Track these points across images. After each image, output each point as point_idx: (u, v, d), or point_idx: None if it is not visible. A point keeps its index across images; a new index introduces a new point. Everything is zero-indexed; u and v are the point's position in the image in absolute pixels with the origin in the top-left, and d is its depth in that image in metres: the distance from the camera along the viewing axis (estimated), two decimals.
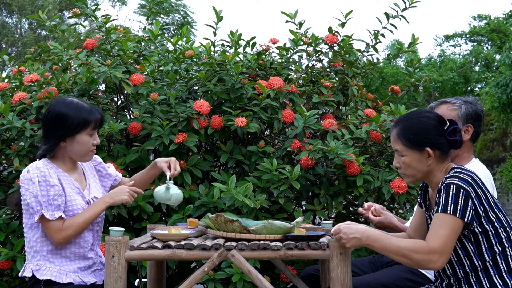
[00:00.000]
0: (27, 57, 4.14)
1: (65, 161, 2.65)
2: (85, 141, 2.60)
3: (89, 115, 2.59)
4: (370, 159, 3.89)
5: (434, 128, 2.30)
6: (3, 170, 3.93)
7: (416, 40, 4.11)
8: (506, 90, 12.24)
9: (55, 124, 2.58)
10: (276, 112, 3.70)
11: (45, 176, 2.51)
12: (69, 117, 2.56)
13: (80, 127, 2.57)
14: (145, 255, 2.30)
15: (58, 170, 2.60)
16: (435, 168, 2.32)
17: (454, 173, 2.23)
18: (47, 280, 2.52)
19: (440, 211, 2.16)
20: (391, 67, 18.04)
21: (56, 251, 2.56)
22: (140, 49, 3.93)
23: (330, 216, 3.90)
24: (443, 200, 2.17)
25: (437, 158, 2.31)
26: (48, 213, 2.49)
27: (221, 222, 2.37)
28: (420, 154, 2.30)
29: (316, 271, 2.94)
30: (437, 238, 2.14)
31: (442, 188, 2.19)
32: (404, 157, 2.33)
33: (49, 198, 2.49)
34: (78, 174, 2.70)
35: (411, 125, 2.32)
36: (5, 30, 21.72)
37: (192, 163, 3.62)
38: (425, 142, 2.29)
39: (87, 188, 2.69)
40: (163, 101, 3.71)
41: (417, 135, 2.29)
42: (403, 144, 2.31)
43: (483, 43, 21.35)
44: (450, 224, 2.14)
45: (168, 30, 20.96)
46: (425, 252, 2.14)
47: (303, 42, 3.99)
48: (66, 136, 2.58)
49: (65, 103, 2.60)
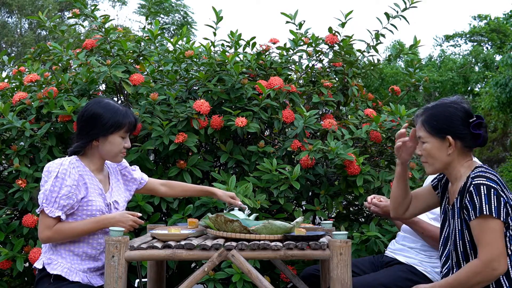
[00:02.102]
0: (27, 57, 4.14)
1: (94, 160, 2.67)
2: (117, 142, 2.63)
3: (124, 118, 2.63)
4: (370, 159, 3.89)
5: (458, 118, 2.30)
6: (3, 170, 3.93)
7: (418, 42, 4.11)
8: (505, 89, 12.25)
9: (90, 122, 2.61)
10: (276, 112, 3.70)
11: (65, 173, 2.53)
12: (104, 117, 2.60)
13: (114, 128, 2.61)
14: (145, 255, 2.30)
15: (85, 169, 2.62)
16: (455, 160, 2.32)
17: (480, 173, 2.23)
18: (56, 275, 2.53)
19: (478, 214, 2.17)
20: (391, 68, 18.05)
21: (70, 248, 2.57)
22: (140, 49, 3.93)
23: (330, 216, 3.90)
24: (477, 202, 2.18)
25: (458, 150, 2.31)
26: (48, 209, 2.50)
27: (221, 222, 2.37)
28: (441, 142, 2.31)
29: (316, 271, 2.94)
30: (485, 248, 2.16)
31: (472, 190, 2.19)
32: (425, 144, 2.34)
33: (57, 196, 2.50)
34: (104, 176, 2.72)
35: (436, 113, 2.33)
36: (5, 30, 21.72)
37: (192, 163, 3.61)
38: (447, 130, 2.29)
39: (109, 192, 2.71)
40: (163, 101, 3.71)
41: (440, 123, 2.30)
42: (426, 130, 2.33)
43: (483, 43, 21.35)
44: (490, 227, 2.16)
45: (168, 30, 20.96)
46: (483, 268, 2.16)
47: (303, 42, 3.99)
48: (99, 135, 2.61)
49: (102, 104, 2.65)
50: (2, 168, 3.97)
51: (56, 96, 3.65)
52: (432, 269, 2.75)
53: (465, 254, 2.27)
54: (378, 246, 3.41)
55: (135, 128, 2.73)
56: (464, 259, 2.27)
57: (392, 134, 3.72)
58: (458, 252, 2.29)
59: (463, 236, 2.27)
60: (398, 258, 2.86)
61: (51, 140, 3.61)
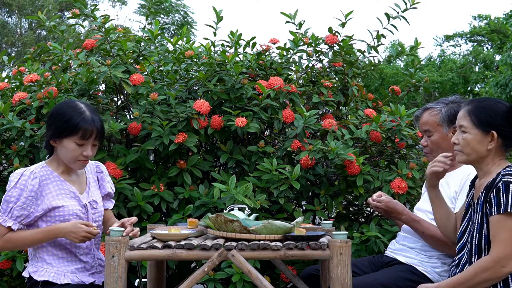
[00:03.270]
0: (27, 57, 4.14)
1: (61, 162, 2.61)
2: (71, 148, 2.52)
3: (81, 122, 2.50)
4: (370, 159, 3.89)
5: (505, 115, 2.31)
6: (3, 170, 3.93)
7: (419, 44, 4.11)
8: (505, 89, 12.26)
9: (49, 121, 2.57)
10: (276, 112, 3.70)
11: (24, 184, 2.49)
12: (61, 118, 2.51)
13: (67, 132, 2.50)
14: (145, 255, 2.30)
15: (53, 174, 2.58)
16: (490, 156, 2.33)
17: (511, 171, 2.23)
18: (44, 281, 2.52)
19: (502, 211, 2.16)
20: (391, 68, 18.05)
21: (53, 252, 2.56)
22: (140, 49, 3.93)
23: (330, 216, 3.90)
24: (503, 199, 2.17)
25: (496, 147, 2.31)
26: (2, 218, 2.48)
27: (221, 222, 2.37)
28: (483, 135, 2.31)
29: (316, 271, 2.94)
30: (499, 244, 2.16)
31: (501, 186, 2.19)
32: (466, 134, 2.34)
33: (13, 206, 2.47)
34: (77, 176, 2.67)
35: (484, 106, 2.34)
36: (5, 30, 21.74)
37: (192, 163, 3.61)
38: (492, 125, 2.30)
39: (86, 191, 2.66)
40: (163, 101, 3.71)
41: (488, 116, 2.31)
42: (472, 121, 2.33)
43: (483, 43, 21.36)
44: (510, 226, 2.15)
45: (168, 30, 20.98)
46: (492, 264, 2.16)
47: (303, 42, 3.99)
48: (54, 137, 2.54)
49: (69, 105, 2.57)
50: (2, 168, 3.97)
51: (56, 96, 3.65)
52: (432, 269, 2.75)
53: (479, 248, 2.26)
54: (378, 246, 3.40)
55: (98, 138, 2.56)
56: (477, 252, 2.27)
57: (392, 134, 3.72)
58: (473, 245, 2.29)
59: (481, 229, 2.27)
60: (398, 258, 2.86)
61: None
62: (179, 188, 3.56)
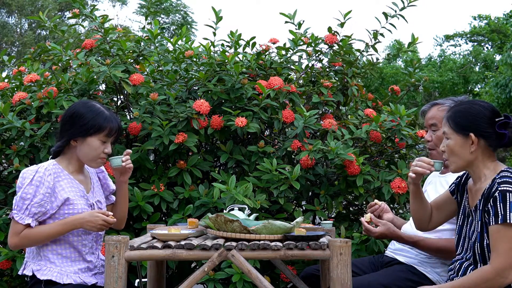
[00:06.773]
0: (27, 57, 4.14)
1: (73, 162, 2.65)
2: (95, 145, 2.59)
3: (106, 121, 2.59)
4: (370, 159, 3.90)
5: (483, 116, 2.29)
6: (3, 170, 3.93)
7: (416, 40, 4.10)
8: (505, 90, 12.26)
9: (70, 121, 2.59)
10: (276, 112, 3.70)
11: (40, 181, 2.51)
12: (85, 117, 2.57)
13: (93, 130, 2.57)
14: (145, 255, 2.30)
15: (64, 172, 2.61)
16: (478, 159, 2.30)
17: (507, 178, 2.21)
18: (47, 280, 2.52)
19: (500, 221, 2.14)
20: (391, 68, 18.05)
21: (57, 251, 2.56)
22: (140, 49, 3.93)
23: (330, 216, 3.90)
24: (500, 209, 2.15)
25: (481, 149, 2.29)
26: (19, 216, 2.49)
27: (221, 222, 2.37)
28: (464, 139, 2.30)
29: (316, 271, 2.94)
30: (500, 255, 2.14)
31: (498, 195, 2.17)
32: (449, 140, 2.33)
33: (30, 203, 2.48)
34: (85, 177, 2.70)
35: (461, 110, 2.33)
36: (5, 30, 21.74)
37: (192, 163, 3.61)
38: (470, 128, 2.28)
39: (92, 192, 2.70)
40: (163, 101, 3.71)
41: (464, 120, 2.30)
42: (450, 126, 2.33)
43: (483, 43, 21.37)
44: (510, 236, 2.13)
45: (168, 30, 20.98)
46: (493, 275, 2.15)
47: (303, 42, 3.99)
48: (77, 136, 2.59)
49: (86, 105, 2.63)
50: (2, 168, 3.97)
51: (56, 96, 3.65)
52: (432, 269, 2.75)
53: (483, 256, 2.25)
54: (378, 246, 3.41)
55: (118, 135, 2.66)
56: (481, 260, 2.26)
57: (392, 134, 3.72)
58: (476, 254, 2.27)
59: (482, 239, 2.25)
60: (398, 258, 2.86)
61: (51, 140, 3.61)
62: (179, 188, 3.57)
